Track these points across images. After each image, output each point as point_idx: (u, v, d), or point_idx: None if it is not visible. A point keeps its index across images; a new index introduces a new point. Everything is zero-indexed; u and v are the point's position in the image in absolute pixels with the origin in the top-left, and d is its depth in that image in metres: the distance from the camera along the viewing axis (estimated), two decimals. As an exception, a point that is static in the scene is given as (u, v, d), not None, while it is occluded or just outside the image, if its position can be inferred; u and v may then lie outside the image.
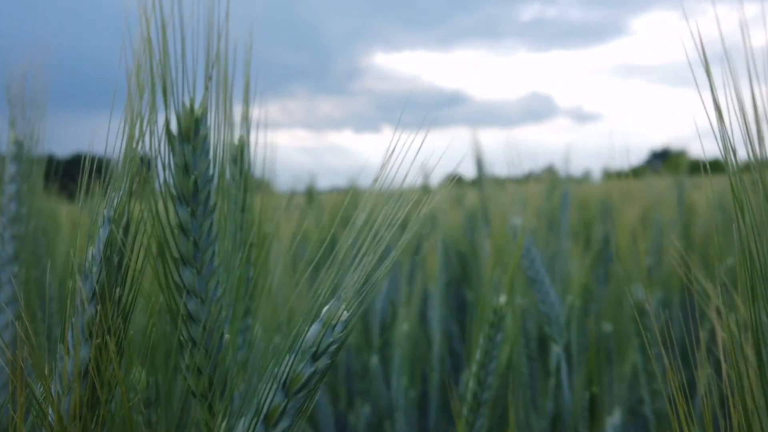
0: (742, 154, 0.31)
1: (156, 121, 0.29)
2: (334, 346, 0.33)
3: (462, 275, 1.31)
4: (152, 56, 0.28)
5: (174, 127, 0.30)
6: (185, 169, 0.30)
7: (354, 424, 1.07)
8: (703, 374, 0.34)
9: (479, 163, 1.38)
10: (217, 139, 0.31)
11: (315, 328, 0.33)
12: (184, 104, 0.30)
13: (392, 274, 1.20)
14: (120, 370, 0.31)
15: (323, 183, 1.62)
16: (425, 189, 1.47)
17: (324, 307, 0.33)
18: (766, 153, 0.30)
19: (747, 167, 0.31)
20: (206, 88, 0.29)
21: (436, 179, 1.54)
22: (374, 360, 1.04)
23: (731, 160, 0.31)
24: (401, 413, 0.96)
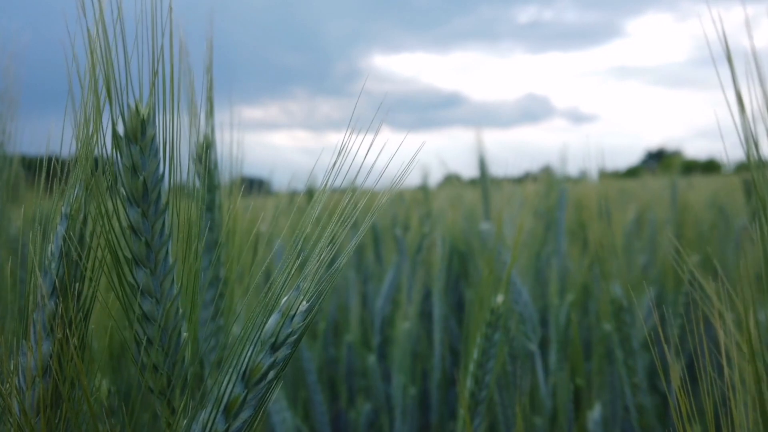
0: (739, 153, 0.30)
1: (101, 123, 0.30)
2: (293, 337, 0.33)
3: (462, 273, 1.32)
4: (95, 56, 0.28)
5: (120, 128, 0.30)
6: (133, 169, 0.30)
7: (354, 421, 1.07)
8: (676, 369, 0.34)
9: (482, 163, 1.38)
10: (169, 138, 0.31)
11: (273, 318, 0.33)
12: (129, 105, 0.30)
13: (394, 273, 1.20)
14: (82, 365, 0.31)
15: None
16: (423, 188, 1.47)
17: (283, 298, 0.33)
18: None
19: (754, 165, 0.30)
20: (152, 86, 0.29)
21: (434, 178, 1.54)
22: (371, 359, 1.04)
23: (753, 154, 0.30)
24: (399, 411, 0.96)
